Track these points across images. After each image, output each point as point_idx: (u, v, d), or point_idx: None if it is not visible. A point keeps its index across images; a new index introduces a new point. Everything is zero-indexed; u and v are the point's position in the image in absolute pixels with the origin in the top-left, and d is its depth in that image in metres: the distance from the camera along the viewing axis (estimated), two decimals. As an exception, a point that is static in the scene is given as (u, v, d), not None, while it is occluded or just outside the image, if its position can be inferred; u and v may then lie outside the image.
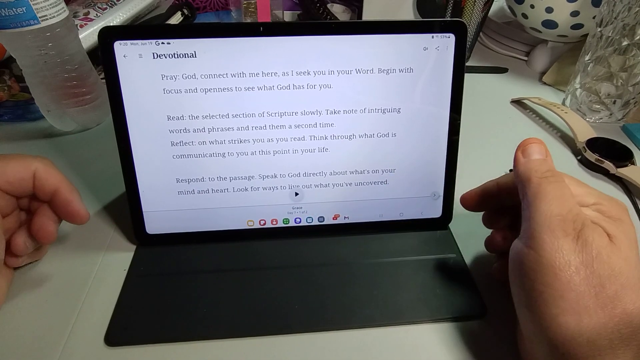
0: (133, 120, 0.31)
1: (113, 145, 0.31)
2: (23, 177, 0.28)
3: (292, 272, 0.32)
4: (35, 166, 0.28)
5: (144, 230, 0.33)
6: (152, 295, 0.30)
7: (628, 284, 0.21)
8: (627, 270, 0.21)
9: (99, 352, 0.27)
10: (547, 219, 0.23)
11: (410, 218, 0.35)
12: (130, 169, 0.32)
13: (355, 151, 0.33)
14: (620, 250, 0.22)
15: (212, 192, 0.33)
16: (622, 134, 0.49)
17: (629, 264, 0.22)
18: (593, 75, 0.48)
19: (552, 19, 0.55)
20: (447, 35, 0.31)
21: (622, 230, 0.23)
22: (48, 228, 0.29)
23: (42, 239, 0.29)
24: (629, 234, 0.23)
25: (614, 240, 0.22)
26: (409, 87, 0.32)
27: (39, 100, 0.43)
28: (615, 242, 0.22)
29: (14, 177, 0.28)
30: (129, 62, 0.30)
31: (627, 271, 0.21)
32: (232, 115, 0.31)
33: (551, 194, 0.23)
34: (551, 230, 0.22)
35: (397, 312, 0.29)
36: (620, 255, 0.22)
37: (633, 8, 0.43)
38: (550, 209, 0.23)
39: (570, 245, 0.22)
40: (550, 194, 0.23)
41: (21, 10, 0.36)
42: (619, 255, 0.22)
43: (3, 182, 0.28)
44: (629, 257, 0.22)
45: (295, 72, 0.31)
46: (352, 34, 0.30)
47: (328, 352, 0.27)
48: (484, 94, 0.56)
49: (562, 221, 0.22)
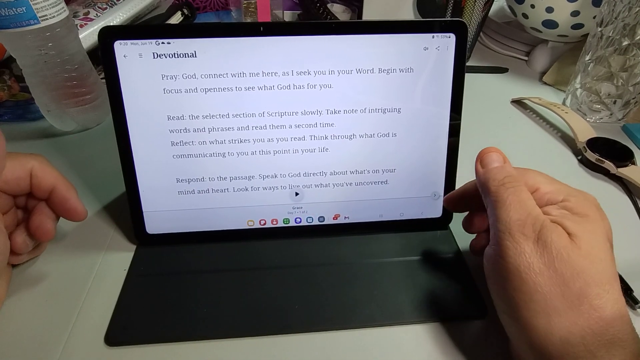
0: (133, 120, 0.31)
1: (113, 145, 0.31)
2: (19, 175, 0.28)
3: (292, 272, 0.32)
4: (32, 164, 0.28)
5: (144, 230, 0.33)
6: (152, 295, 0.30)
7: (592, 280, 0.21)
8: (589, 267, 0.22)
9: (99, 352, 0.27)
10: (507, 224, 0.23)
11: (411, 218, 0.35)
12: (131, 169, 0.32)
13: (356, 151, 0.33)
14: (581, 248, 0.22)
15: (212, 192, 0.33)
16: (623, 134, 0.49)
17: (590, 261, 0.22)
18: (593, 75, 0.48)
19: (553, 19, 0.55)
20: (447, 35, 0.31)
21: (584, 227, 0.23)
22: (46, 226, 0.29)
23: (40, 236, 0.29)
24: (593, 229, 0.23)
25: (574, 239, 0.22)
26: (409, 87, 0.32)
27: (39, 100, 0.43)
28: (575, 241, 0.22)
29: (11, 176, 0.28)
30: (129, 62, 0.29)
31: (589, 268, 0.22)
32: (232, 115, 0.31)
33: (508, 199, 0.24)
34: (512, 236, 0.23)
35: (397, 312, 0.29)
36: (580, 254, 0.22)
37: (633, 8, 0.42)
38: (509, 215, 0.24)
39: (531, 247, 0.22)
40: (507, 200, 0.24)
41: (21, 10, 0.36)
42: (579, 254, 0.22)
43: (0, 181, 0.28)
44: (590, 253, 0.22)
45: (296, 72, 0.31)
46: (353, 33, 0.30)
47: (328, 352, 0.27)
48: (484, 94, 0.56)
49: (521, 225, 0.23)
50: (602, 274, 0.22)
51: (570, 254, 0.22)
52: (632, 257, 0.34)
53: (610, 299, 0.21)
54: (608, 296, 0.21)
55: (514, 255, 0.23)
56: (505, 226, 0.23)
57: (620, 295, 0.22)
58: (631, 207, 0.39)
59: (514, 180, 0.25)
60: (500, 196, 0.25)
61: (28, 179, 0.29)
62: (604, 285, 0.22)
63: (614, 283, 0.22)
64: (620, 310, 0.21)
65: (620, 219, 0.38)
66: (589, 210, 0.24)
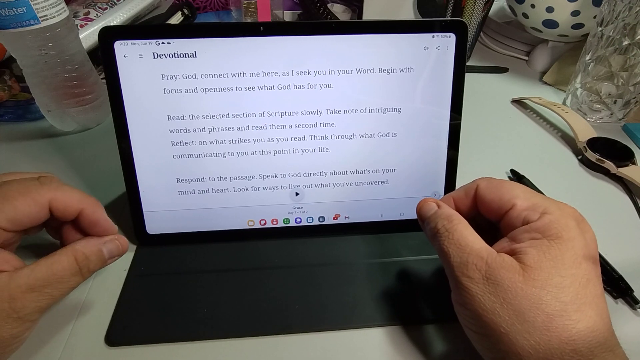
0: (133, 120, 0.31)
1: (113, 145, 0.31)
2: (34, 215, 0.24)
3: (293, 272, 0.32)
4: (48, 198, 0.25)
5: (145, 230, 0.33)
6: (152, 295, 0.30)
7: (554, 312, 0.20)
8: (547, 299, 0.20)
9: (100, 352, 0.27)
10: (451, 272, 0.23)
11: (411, 218, 0.35)
12: (131, 169, 0.32)
13: (356, 151, 0.33)
14: (535, 279, 0.21)
15: (213, 192, 0.33)
16: (623, 134, 0.49)
17: (548, 292, 0.21)
18: (594, 74, 0.48)
19: (553, 19, 0.55)
20: (447, 35, 0.31)
21: (548, 254, 0.21)
22: (93, 248, 0.26)
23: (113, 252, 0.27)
24: (560, 255, 0.21)
25: (529, 270, 0.21)
26: (409, 87, 0.32)
27: (39, 100, 0.43)
28: (529, 272, 0.21)
29: (23, 216, 0.24)
30: (129, 62, 0.29)
31: (547, 299, 0.20)
32: (232, 115, 0.31)
33: (444, 247, 0.24)
34: (459, 281, 0.23)
35: (397, 312, 0.29)
36: (534, 285, 0.21)
37: (634, 7, 0.42)
38: (450, 262, 0.23)
39: (481, 288, 0.22)
40: (444, 248, 0.24)
41: (21, 10, 0.36)
42: (533, 285, 0.21)
43: (8, 223, 0.24)
44: (547, 284, 0.21)
45: (296, 72, 0.31)
46: (353, 33, 0.30)
47: (328, 352, 0.27)
48: (485, 94, 0.56)
49: (463, 268, 0.22)
50: (567, 303, 0.20)
51: (523, 287, 0.21)
52: (632, 257, 0.34)
53: (580, 330, 0.20)
54: (577, 327, 0.20)
55: (468, 300, 0.22)
56: (452, 273, 0.23)
57: (598, 320, 0.20)
58: (631, 207, 0.39)
59: (446, 223, 0.24)
60: (439, 246, 0.24)
61: (45, 212, 0.25)
62: (571, 315, 0.20)
63: (587, 309, 0.20)
64: (598, 339, 0.20)
65: (620, 219, 0.38)
66: (563, 229, 0.22)
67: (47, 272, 0.23)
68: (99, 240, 0.26)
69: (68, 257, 0.24)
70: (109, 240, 0.26)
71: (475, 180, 0.27)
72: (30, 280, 0.23)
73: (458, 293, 0.23)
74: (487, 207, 0.26)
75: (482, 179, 0.27)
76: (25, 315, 0.23)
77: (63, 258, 0.24)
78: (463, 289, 0.22)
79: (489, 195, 0.25)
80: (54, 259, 0.24)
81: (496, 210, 0.25)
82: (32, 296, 0.23)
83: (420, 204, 0.27)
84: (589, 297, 0.21)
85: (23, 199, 0.24)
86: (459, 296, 0.23)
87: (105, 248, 0.26)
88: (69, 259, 0.24)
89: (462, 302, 0.23)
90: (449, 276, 0.24)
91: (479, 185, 0.26)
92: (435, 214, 0.26)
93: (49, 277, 0.23)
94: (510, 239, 0.24)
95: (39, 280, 0.23)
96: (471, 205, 0.27)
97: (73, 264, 0.24)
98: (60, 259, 0.24)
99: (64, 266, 0.24)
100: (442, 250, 0.24)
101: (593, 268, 0.22)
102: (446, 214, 0.25)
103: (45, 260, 0.24)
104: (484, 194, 0.26)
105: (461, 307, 0.23)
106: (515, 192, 0.25)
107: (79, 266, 0.24)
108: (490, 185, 0.26)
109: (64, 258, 0.24)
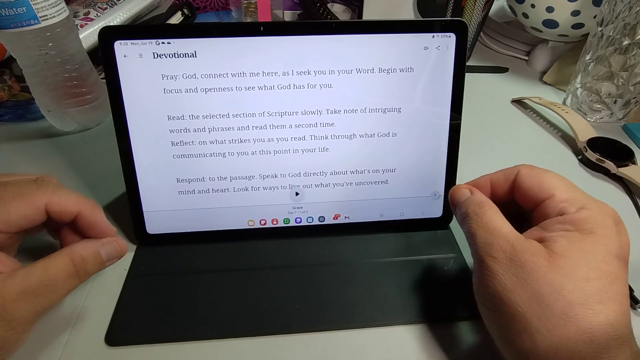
0: (133, 120, 0.31)
1: (113, 145, 0.31)
2: (30, 217, 0.24)
3: (293, 272, 0.32)
4: (44, 200, 0.24)
5: (145, 230, 0.33)
6: (152, 295, 0.30)
7: (576, 300, 0.20)
8: (570, 287, 0.21)
9: (100, 352, 0.27)
10: (477, 251, 0.24)
11: (411, 218, 0.35)
12: (131, 169, 0.32)
13: (356, 151, 0.33)
14: (561, 266, 0.21)
15: (213, 192, 0.33)
16: (623, 134, 0.49)
17: (571, 280, 0.21)
18: (594, 74, 0.48)
19: (553, 19, 0.55)
20: (447, 34, 0.31)
21: (579, 246, 0.22)
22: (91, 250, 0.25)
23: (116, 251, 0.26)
24: (591, 249, 0.21)
25: (555, 257, 0.21)
26: (409, 87, 0.32)
27: (39, 100, 0.43)
28: (555, 259, 0.21)
29: (18, 219, 0.24)
30: (129, 62, 0.29)
31: (571, 287, 0.20)
32: (232, 115, 0.31)
33: (473, 228, 0.24)
34: (483, 260, 0.23)
35: (397, 312, 0.29)
36: (558, 272, 0.21)
37: (634, 7, 0.42)
38: (476, 242, 0.24)
39: (503, 268, 0.22)
40: (472, 230, 0.24)
41: (21, 10, 0.36)
42: (557, 272, 0.21)
43: (2, 225, 0.24)
44: (572, 273, 0.21)
45: (296, 72, 0.31)
46: (353, 33, 0.30)
47: (328, 352, 0.27)
48: (485, 94, 0.56)
49: (488, 248, 0.23)
50: (591, 295, 0.20)
51: (546, 272, 0.21)
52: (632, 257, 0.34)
53: (601, 321, 0.20)
54: (598, 319, 0.20)
55: (489, 278, 0.22)
56: (476, 253, 0.24)
57: (619, 316, 0.20)
58: (632, 207, 0.39)
59: (477, 208, 0.25)
60: (467, 229, 0.25)
61: (42, 215, 0.25)
62: (592, 306, 0.20)
63: (610, 304, 0.20)
64: (617, 333, 0.20)
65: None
66: (599, 226, 0.22)
67: (42, 274, 0.23)
68: (97, 242, 0.26)
69: (64, 260, 0.24)
70: (107, 242, 0.26)
71: (517, 165, 0.27)
72: (25, 283, 0.22)
73: (480, 272, 0.23)
74: (524, 194, 0.26)
75: (524, 165, 0.26)
76: (18, 319, 0.22)
77: (59, 261, 0.24)
78: (485, 267, 0.23)
79: (528, 182, 0.25)
80: (49, 262, 0.24)
81: (533, 197, 0.25)
82: (27, 299, 0.22)
83: (453, 189, 0.28)
84: (614, 293, 0.21)
85: (17, 202, 0.24)
86: (480, 274, 0.23)
87: (103, 250, 0.26)
88: (65, 262, 0.24)
89: (482, 280, 0.23)
90: (473, 257, 0.24)
91: (520, 171, 0.26)
92: (468, 200, 0.26)
93: (44, 280, 0.23)
94: (542, 228, 0.24)
95: (33, 283, 0.22)
96: (508, 190, 0.27)
97: (69, 266, 0.24)
98: (56, 262, 0.24)
99: (60, 269, 0.24)
100: (470, 232, 0.24)
101: (623, 268, 0.22)
102: (478, 200, 0.25)
103: (41, 262, 0.23)
104: (524, 180, 0.26)
105: (481, 286, 0.23)
106: (556, 183, 0.25)
107: (75, 268, 0.24)
108: (532, 172, 0.26)
109: (59, 261, 0.24)
